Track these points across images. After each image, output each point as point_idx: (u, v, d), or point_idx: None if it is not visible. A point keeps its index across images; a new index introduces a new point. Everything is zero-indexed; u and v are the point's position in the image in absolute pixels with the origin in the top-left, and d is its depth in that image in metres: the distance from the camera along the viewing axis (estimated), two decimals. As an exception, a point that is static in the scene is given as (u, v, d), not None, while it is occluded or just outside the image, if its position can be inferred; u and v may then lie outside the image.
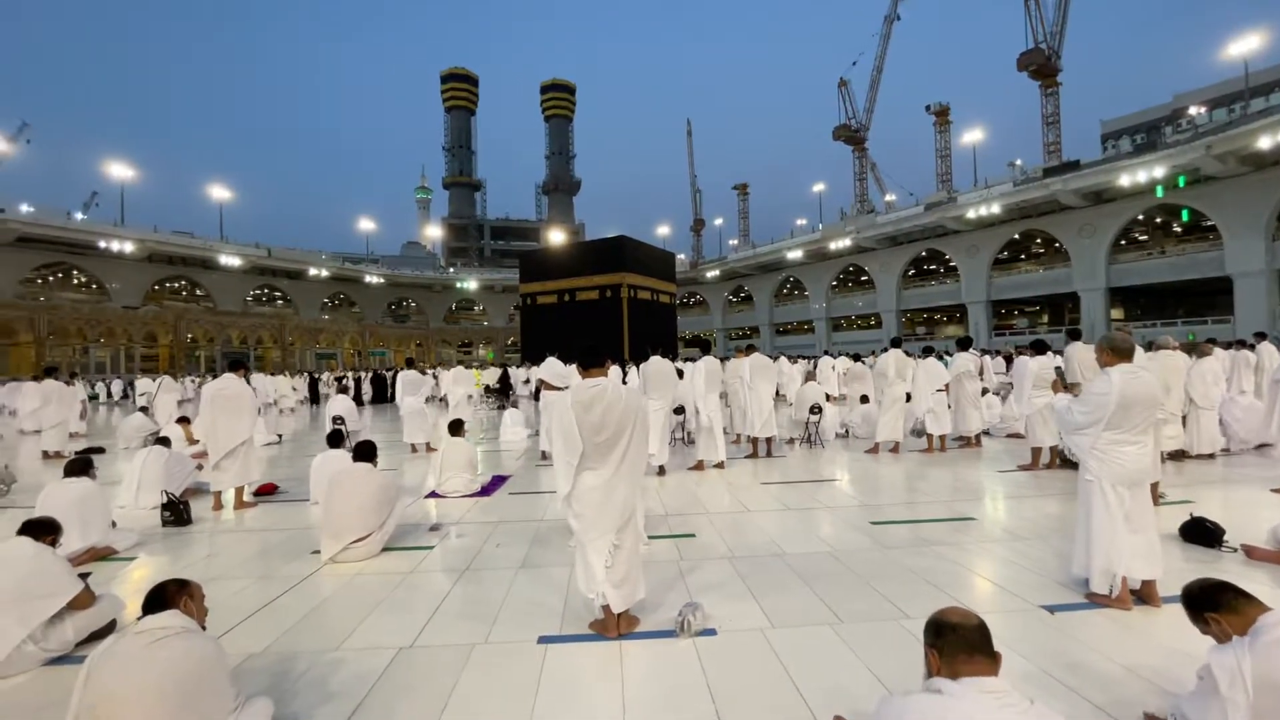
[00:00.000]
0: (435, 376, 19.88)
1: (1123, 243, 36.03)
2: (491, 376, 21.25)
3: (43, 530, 3.27)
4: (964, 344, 9.40)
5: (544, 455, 8.81)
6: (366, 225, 72.55)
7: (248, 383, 6.64)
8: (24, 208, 45.87)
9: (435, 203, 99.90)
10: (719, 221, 78.91)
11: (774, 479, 7.16)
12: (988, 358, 16.10)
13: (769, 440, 8.63)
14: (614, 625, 3.14)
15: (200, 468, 7.21)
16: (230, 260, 52.74)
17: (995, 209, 38.60)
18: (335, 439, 6.38)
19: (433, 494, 6.63)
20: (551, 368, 8.74)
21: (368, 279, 63.10)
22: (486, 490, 6.80)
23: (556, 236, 66.21)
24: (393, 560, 4.55)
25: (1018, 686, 1.82)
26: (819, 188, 66.68)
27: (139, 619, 2.25)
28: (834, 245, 50.49)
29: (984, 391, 9.93)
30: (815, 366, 19.49)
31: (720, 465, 7.76)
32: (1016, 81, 48.61)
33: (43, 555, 3.16)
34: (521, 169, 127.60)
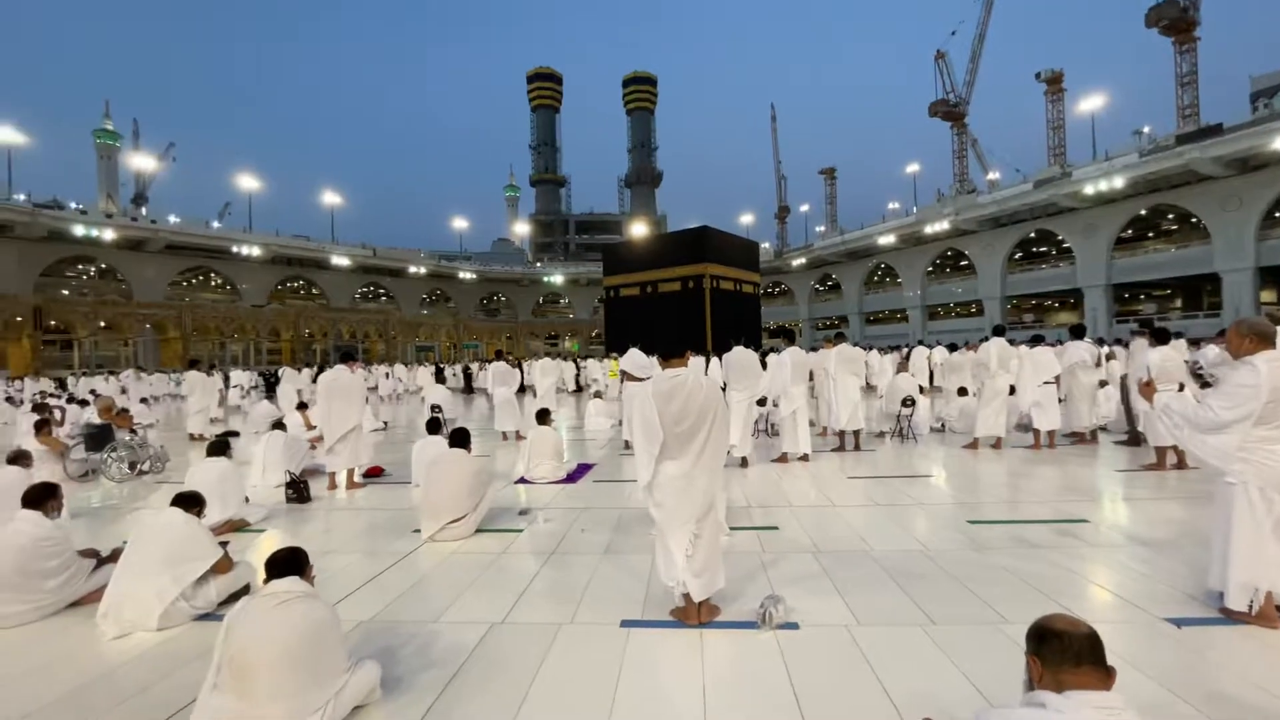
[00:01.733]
0: (523, 368, 20.76)
1: (1277, 215, 31.59)
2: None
3: (191, 503, 3.71)
4: (1078, 332, 8.63)
5: (626, 445, 8.93)
6: (460, 224, 76.08)
7: (363, 372, 7.19)
8: (172, 219, 51.74)
9: (523, 200, 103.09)
10: (804, 208, 76.59)
11: (862, 473, 6.92)
12: (1117, 347, 14.65)
13: (856, 433, 8.34)
14: (695, 613, 3.16)
15: (313, 447, 7.91)
16: (340, 260, 56.99)
17: (1118, 183, 35.00)
18: (433, 426, 6.79)
19: (522, 480, 6.91)
20: (633, 359, 8.84)
21: (461, 275, 66.30)
22: (572, 477, 7.01)
23: (639, 229, 66.64)
24: (485, 541, 4.80)
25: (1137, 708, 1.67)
26: (913, 169, 63.10)
27: (266, 582, 2.51)
28: (930, 229, 47.65)
29: (1102, 384, 9.07)
30: (908, 357, 18.55)
31: (805, 458, 7.58)
32: (1144, 40, 43.66)
33: (191, 524, 3.59)
34: (604, 163, 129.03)
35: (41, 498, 3.72)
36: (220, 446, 5.57)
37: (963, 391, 10.33)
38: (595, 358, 28.82)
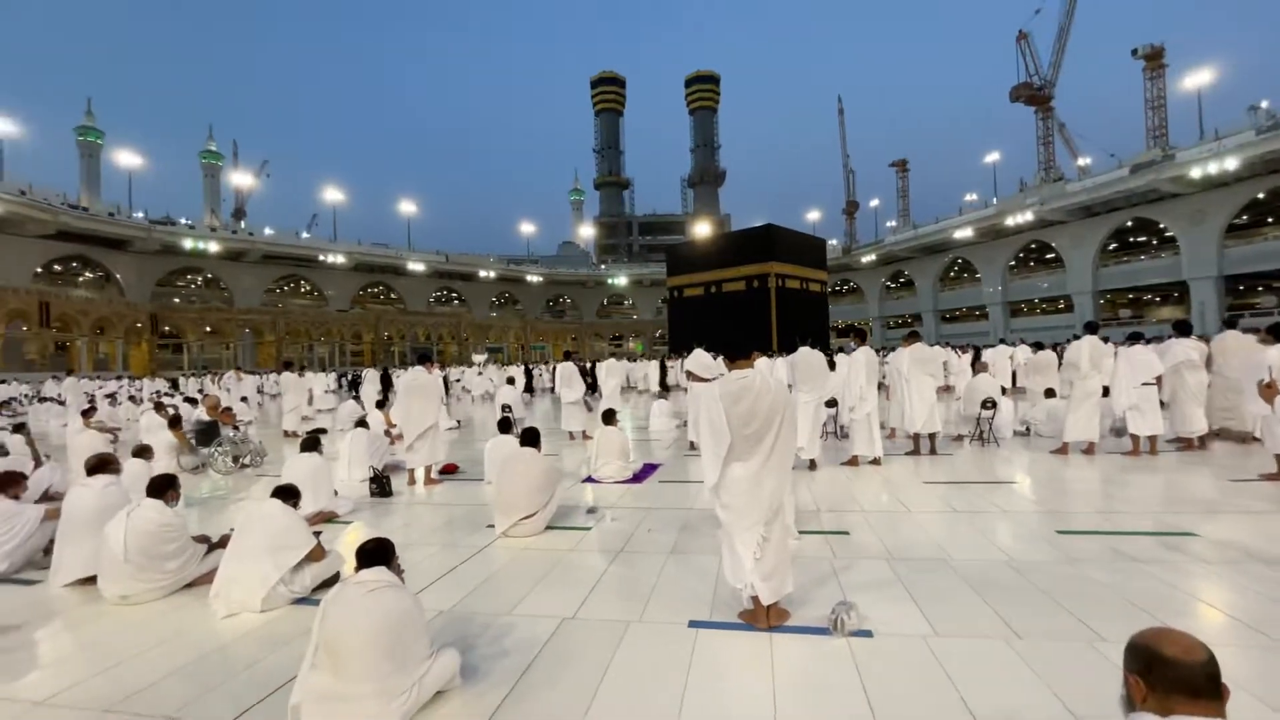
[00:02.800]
0: (595, 369, 21.05)
1: None
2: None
3: (288, 495, 4.01)
4: (1183, 328, 7.95)
5: (692, 445, 8.92)
6: (527, 228, 78.18)
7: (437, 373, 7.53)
8: (267, 230, 55.67)
9: (588, 203, 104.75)
10: (874, 203, 74.09)
11: (938, 478, 6.63)
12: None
13: (932, 437, 7.99)
14: (764, 617, 3.14)
15: (392, 442, 8.34)
16: (416, 266, 59.71)
17: (1230, 164, 31.96)
18: (504, 425, 7.01)
19: (589, 479, 7.04)
20: (698, 359, 8.84)
21: (529, 278, 68.09)
22: (638, 477, 7.07)
23: (702, 229, 66.36)
24: (555, 538, 4.92)
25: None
26: (992, 158, 59.88)
27: (356, 570, 2.68)
28: (1012, 220, 45.03)
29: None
30: (977, 357, 17.58)
31: (876, 462, 7.34)
32: (1260, 7, 39.46)
33: (289, 514, 3.88)
34: (667, 164, 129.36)
35: (163, 488, 4.10)
36: (312, 443, 5.98)
37: (1050, 393, 9.71)
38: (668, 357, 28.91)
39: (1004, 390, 10.03)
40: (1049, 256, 47.02)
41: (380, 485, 6.65)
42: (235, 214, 62.74)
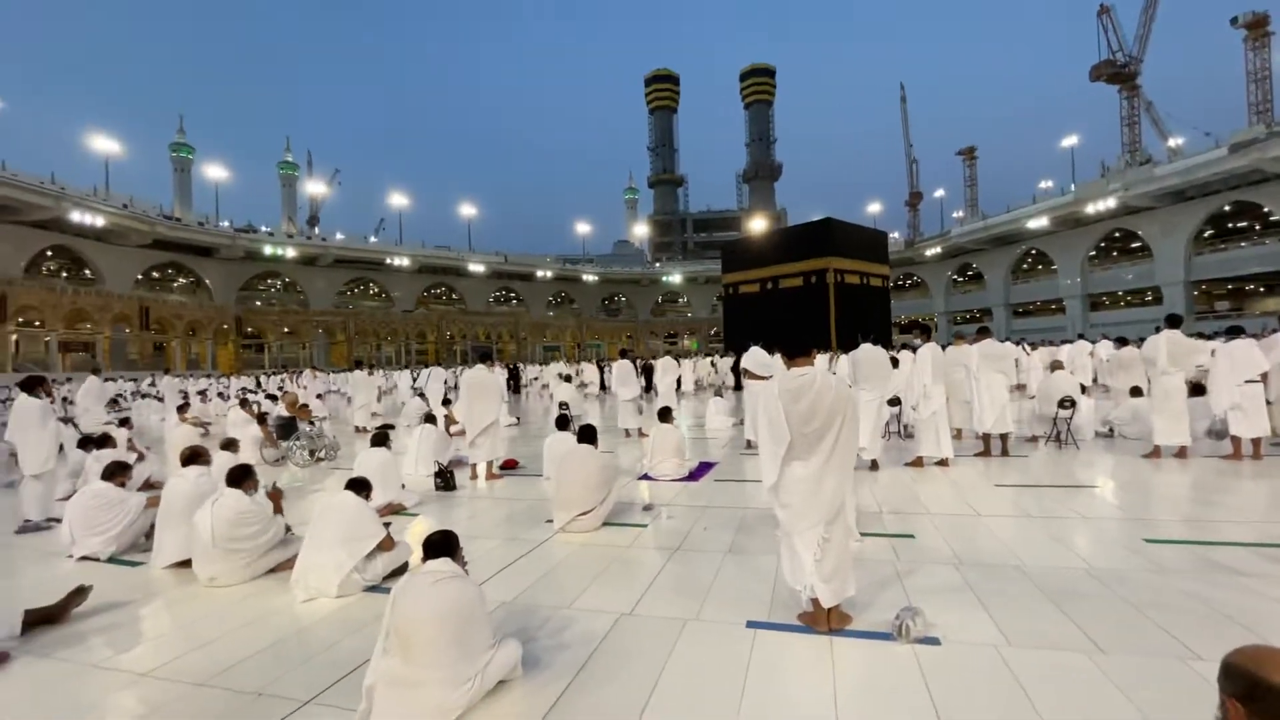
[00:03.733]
0: (651, 368, 21.04)
1: None
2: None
3: (360, 487, 4.21)
4: (1291, 321, 7.25)
5: (749, 444, 8.83)
6: (582, 228, 79.18)
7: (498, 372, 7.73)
8: (338, 235, 58.53)
9: (642, 201, 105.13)
10: (939, 193, 71.02)
11: (1010, 481, 6.31)
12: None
13: (1003, 437, 7.61)
14: (824, 619, 3.07)
15: (450, 434, 8.62)
16: (476, 267, 61.49)
17: (1347, 140, 28.92)
18: (562, 423, 7.13)
19: (645, 476, 7.07)
20: (755, 356, 8.73)
21: (584, 278, 68.97)
22: (694, 475, 7.05)
23: (757, 225, 65.37)
24: (612, 534, 4.97)
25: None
26: (1069, 141, 56.28)
27: (424, 561, 2.79)
28: (1093, 207, 42.31)
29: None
30: (1058, 354, 16.57)
31: (943, 463, 7.05)
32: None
33: (361, 506, 4.07)
34: (721, 160, 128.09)
35: (240, 478, 4.38)
36: (381, 438, 6.25)
37: (1135, 391, 9.07)
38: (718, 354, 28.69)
39: (1083, 388, 9.43)
40: (1134, 245, 43.90)
41: (445, 479, 6.89)
42: (310, 221, 66.27)
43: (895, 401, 8.96)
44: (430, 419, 8.50)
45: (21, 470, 6.03)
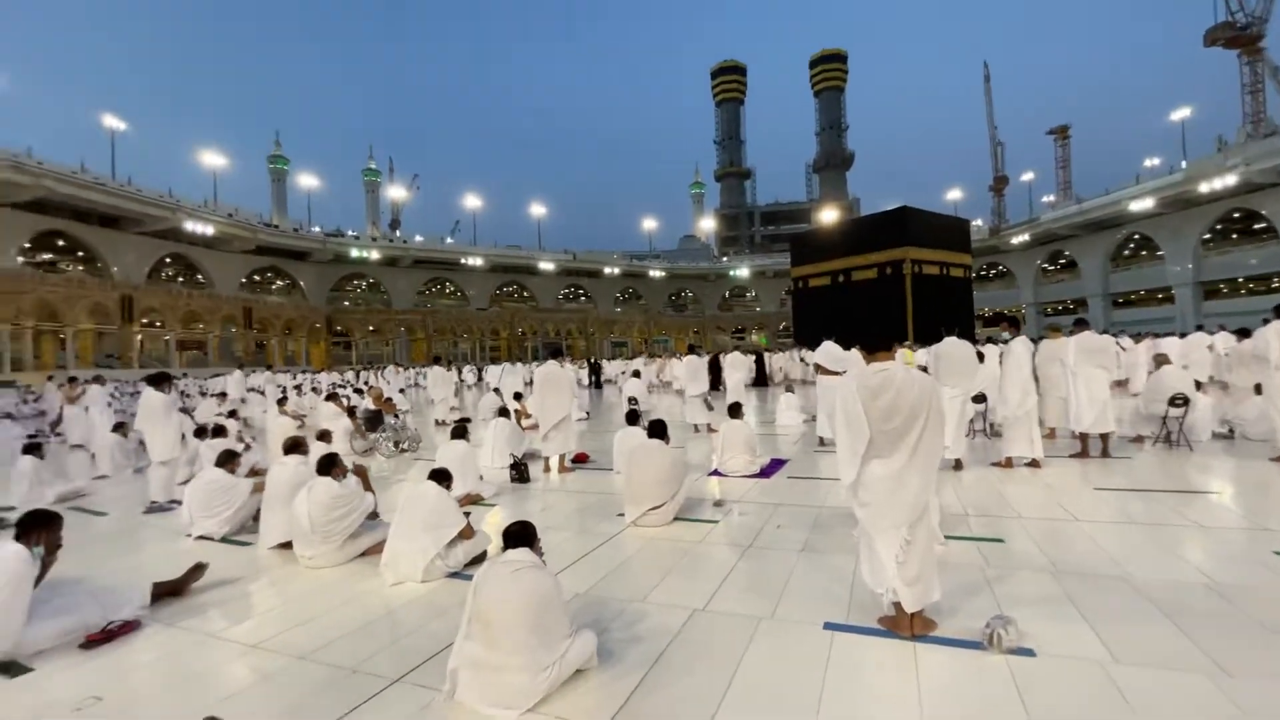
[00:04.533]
0: (720, 363, 20.74)
1: None
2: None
3: (442, 478, 4.39)
4: None
5: (821, 441, 8.60)
6: (649, 224, 79.39)
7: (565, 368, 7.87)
8: (417, 238, 61.36)
9: (708, 196, 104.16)
10: (1027, 176, 66.30)
11: (1113, 484, 5.83)
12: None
13: (1104, 437, 7.04)
14: (908, 624, 2.94)
15: (521, 427, 8.86)
16: (546, 265, 62.89)
17: None
18: (632, 418, 7.18)
19: (715, 472, 7.01)
20: (828, 352, 8.48)
21: (651, 273, 69.17)
22: (765, 472, 6.93)
23: (828, 215, 63.51)
24: (683, 529, 4.96)
25: None
26: (1180, 115, 51.17)
27: (503, 550, 2.88)
28: (1207, 186, 38.43)
29: None
30: (1162, 347, 15.14)
31: (1034, 464, 6.61)
32: None
33: (443, 495, 4.25)
34: (790, 151, 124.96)
35: (328, 466, 4.66)
36: (460, 431, 6.50)
37: (1260, 389, 8.17)
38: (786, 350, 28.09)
39: (1198, 385, 8.59)
40: (1257, 227, 39.54)
41: (519, 472, 7.09)
42: (392, 224, 69.76)
43: (980, 398, 8.47)
44: (504, 413, 8.76)
45: (149, 457, 6.68)
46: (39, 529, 3.34)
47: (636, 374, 15.00)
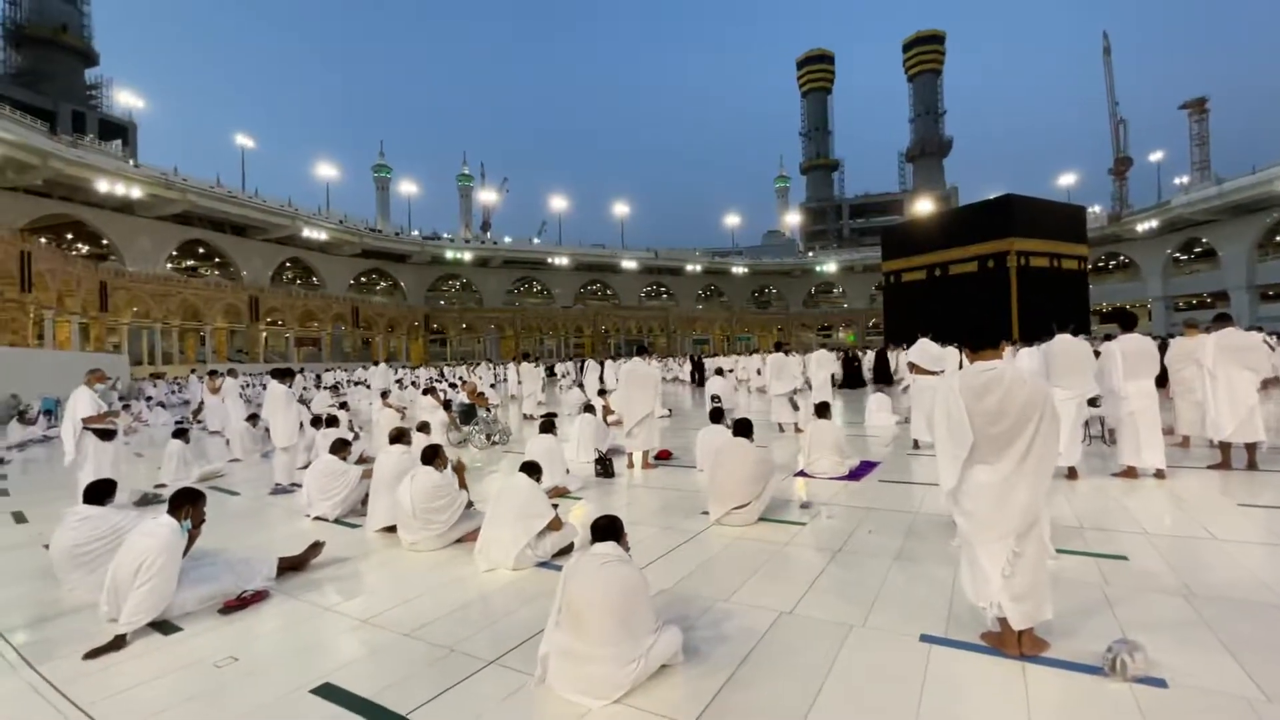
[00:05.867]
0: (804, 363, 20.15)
1: None
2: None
3: (533, 470, 4.56)
4: None
5: (915, 444, 8.19)
6: (731, 219, 78.38)
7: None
8: (506, 239, 63.82)
9: (793, 189, 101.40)
10: (1155, 157, 59.58)
11: (1262, 501, 5.16)
12: None
13: (1250, 447, 6.24)
14: (1015, 643, 2.74)
15: (610, 425, 8.99)
16: (629, 264, 63.60)
17: None
18: (716, 415, 7.13)
19: (801, 473, 6.84)
20: (924, 350, 8.09)
21: (733, 270, 68.34)
22: (855, 475, 6.68)
23: (923, 206, 60.21)
24: (768, 530, 4.88)
25: None
26: (1351, 78, 44.17)
27: (592, 543, 2.94)
28: (1385, 160, 33.08)
29: None
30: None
31: (1159, 474, 5.97)
32: None
33: (534, 488, 4.41)
34: (881, 140, 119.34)
35: (431, 456, 4.94)
36: (548, 425, 6.71)
37: None
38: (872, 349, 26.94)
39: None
40: None
41: (604, 467, 7.22)
42: (483, 226, 72.99)
43: (1096, 401, 7.75)
44: (589, 409, 8.95)
45: (273, 443, 7.36)
46: (187, 504, 3.76)
47: (720, 372, 14.89)
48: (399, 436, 5.71)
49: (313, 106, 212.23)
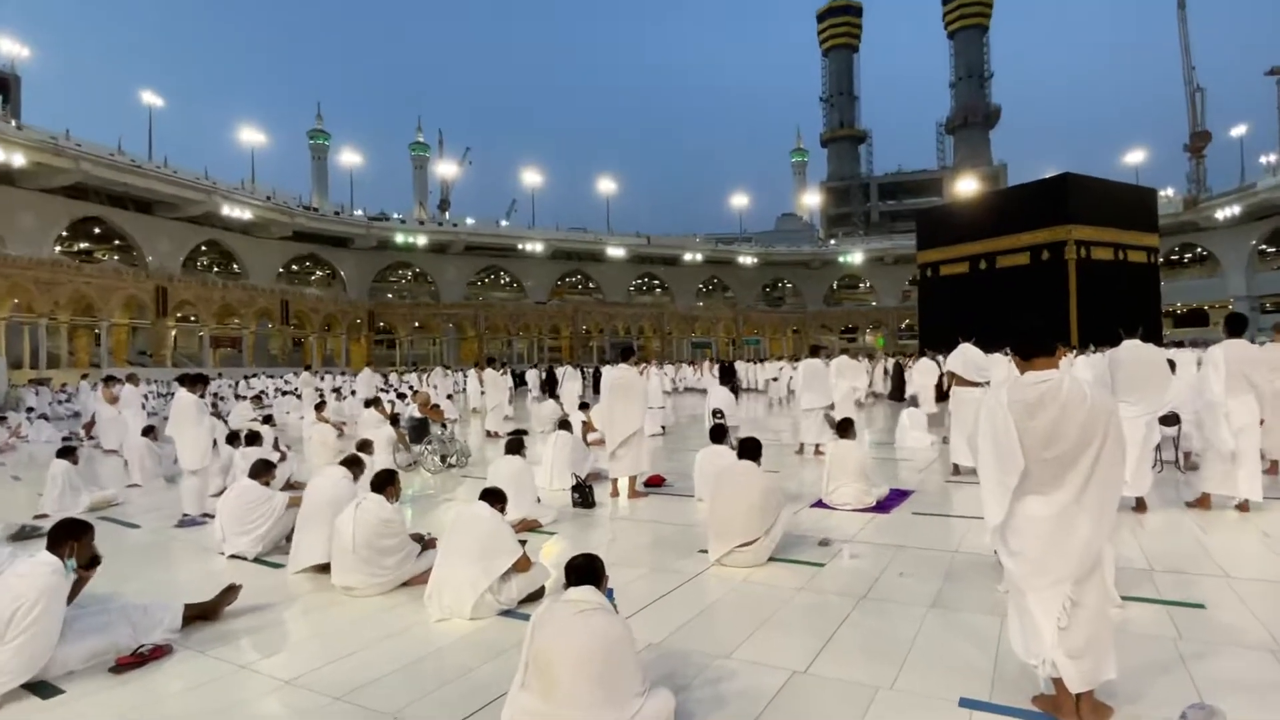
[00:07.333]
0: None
1: None
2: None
3: (495, 498, 4.54)
4: None
5: (955, 469, 8.26)
6: (739, 200, 78.81)
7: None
8: (469, 220, 63.94)
9: (812, 165, 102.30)
10: (1238, 131, 60.69)
11: (1366, 539, 5.25)
12: None
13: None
14: (1072, 708, 2.75)
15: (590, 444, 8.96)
16: (615, 251, 63.85)
17: None
18: (718, 434, 7.15)
19: (820, 503, 6.86)
20: (965, 356, 8.16)
21: (740, 260, 68.71)
22: (884, 506, 6.73)
23: (966, 186, 60.98)
24: (780, 572, 4.89)
25: None
26: None
27: (565, 587, 2.93)
28: None
29: None
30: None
31: (1243, 507, 6.05)
32: None
33: (496, 519, 4.39)
34: (916, 108, 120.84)
35: (384, 483, 4.91)
36: (516, 444, 6.70)
37: None
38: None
39: None
40: None
41: (583, 495, 7.21)
42: (441, 205, 73.04)
43: (1171, 419, 7.86)
44: (565, 425, 8.95)
45: (181, 465, 7.28)
46: (71, 539, 3.69)
47: (726, 380, 14.93)
48: (353, 462, 5.67)
49: (236, 58, 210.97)
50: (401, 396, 17.86)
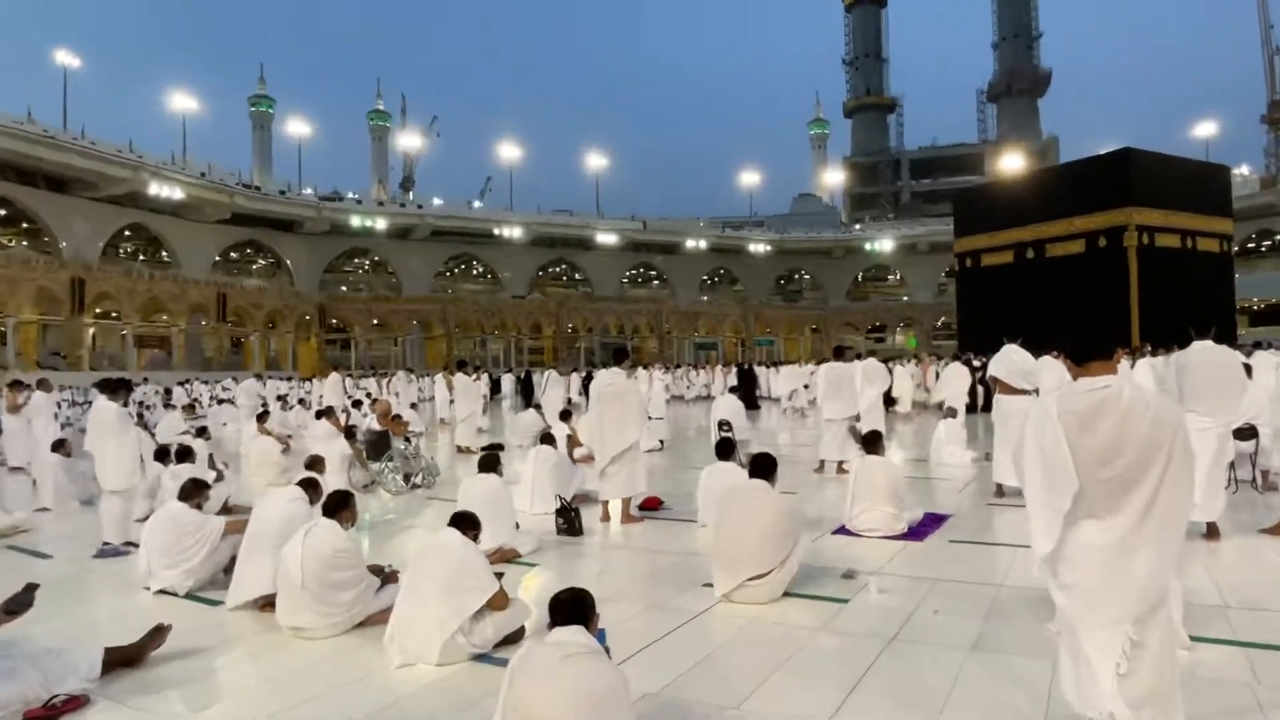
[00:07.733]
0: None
1: None
2: None
3: (467, 525, 4.54)
4: None
5: (999, 490, 8.29)
6: (748, 179, 79.10)
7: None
8: (436, 201, 64.01)
9: (834, 139, 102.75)
10: (1325, 100, 61.15)
11: None
12: None
13: None
14: (1133, 766, 2.77)
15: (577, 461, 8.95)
16: (606, 238, 63.90)
17: None
18: (725, 449, 7.17)
19: (843, 529, 6.89)
20: (1010, 360, 8.22)
21: (750, 248, 68.83)
22: (917, 532, 6.77)
23: (1010, 163, 61.15)
24: (796, 609, 4.91)
25: None
26: None
27: (549, 627, 2.93)
28: None
29: None
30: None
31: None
32: None
33: (468, 548, 4.39)
34: (953, 73, 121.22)
35: (338, 507, 4.90)
36: (490, 462, 6.70)
37: None
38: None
39: None
40: None
41: (569, 520, 7.21)
42: (403, 184, 73.27)
43: (1247, 432, 7.91)
44: (548, 439, 8.95)
45: (100, 484, 7.25)
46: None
47: (734, 389, 14.96)
48: (309, 484, 5.64)
49: (165, 13, 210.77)
50: (358, 405, 17.81)
